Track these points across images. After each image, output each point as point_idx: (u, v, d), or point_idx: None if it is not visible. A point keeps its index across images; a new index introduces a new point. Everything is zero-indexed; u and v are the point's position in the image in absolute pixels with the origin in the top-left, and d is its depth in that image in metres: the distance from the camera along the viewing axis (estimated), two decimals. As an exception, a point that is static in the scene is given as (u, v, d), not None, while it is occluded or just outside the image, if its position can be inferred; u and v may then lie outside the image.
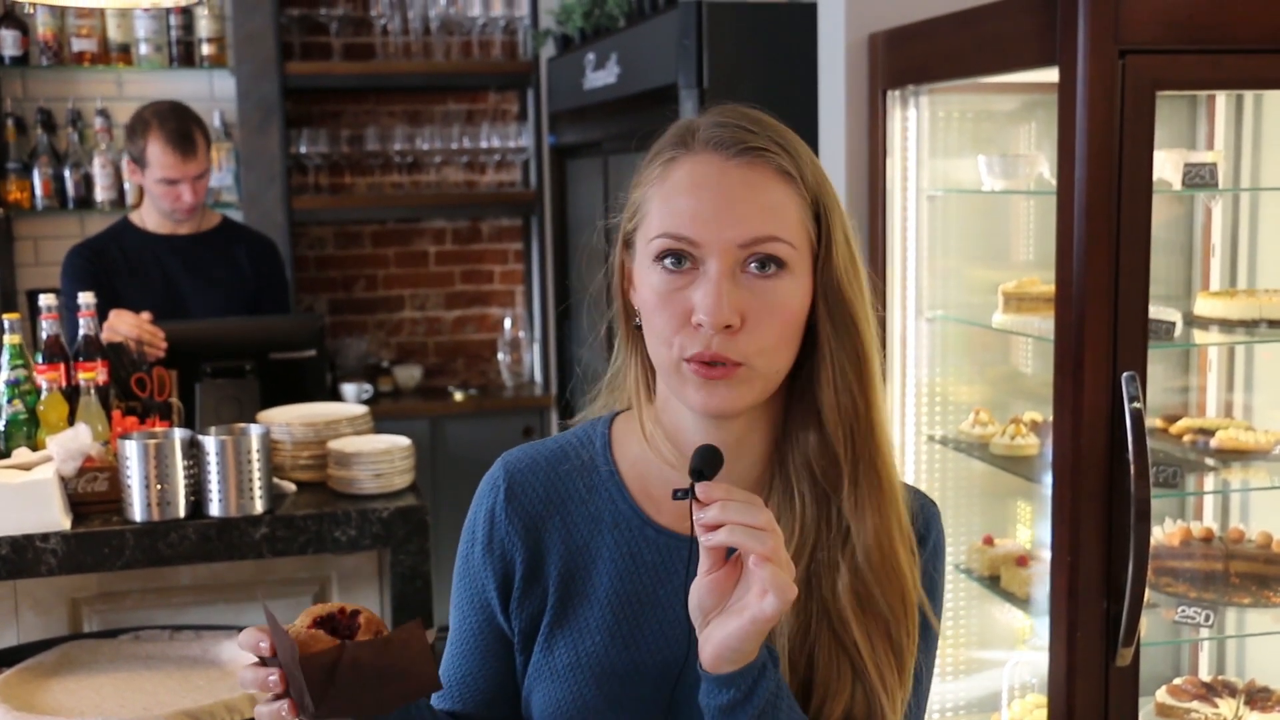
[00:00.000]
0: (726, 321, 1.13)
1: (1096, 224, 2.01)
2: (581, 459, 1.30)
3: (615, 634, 1.24)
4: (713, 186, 1.16)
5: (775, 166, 1.18)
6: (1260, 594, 2.34)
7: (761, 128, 1.20)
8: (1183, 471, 2.25)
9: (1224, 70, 2.07)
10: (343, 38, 4.96)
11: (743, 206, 1.16)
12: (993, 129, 2.80)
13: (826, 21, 2.84)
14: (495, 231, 5.26)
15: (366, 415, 2.78)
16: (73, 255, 3.45)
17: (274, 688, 1.09)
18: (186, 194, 3.37)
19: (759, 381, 1.17)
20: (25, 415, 2.56)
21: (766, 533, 1.06)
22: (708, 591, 1.09)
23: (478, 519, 1.31)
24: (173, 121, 3.34)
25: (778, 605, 1.05)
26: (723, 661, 1.09)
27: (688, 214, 1.16)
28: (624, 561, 1.25)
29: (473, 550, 1.30)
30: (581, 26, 4.13)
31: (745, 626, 1.06)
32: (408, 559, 2.50)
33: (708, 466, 1.11)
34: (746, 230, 1.15)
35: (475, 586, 1.30)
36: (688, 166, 1.18)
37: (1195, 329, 2.40)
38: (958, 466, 2.77)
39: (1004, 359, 2.90)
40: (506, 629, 1.29)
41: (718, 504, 1.07)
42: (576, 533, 1.27)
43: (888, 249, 2.70)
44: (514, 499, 1.28)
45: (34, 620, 2.54)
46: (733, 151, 1.17)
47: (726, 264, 1.15)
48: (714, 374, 1.15)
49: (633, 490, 1.28)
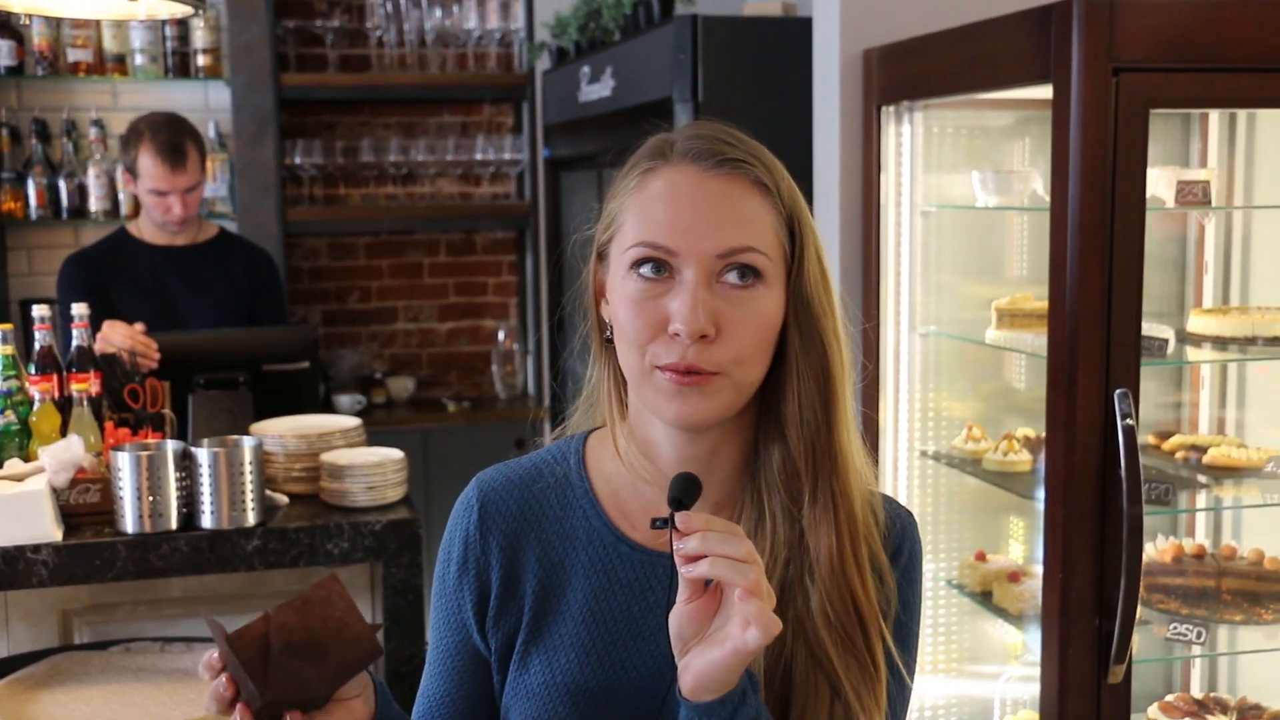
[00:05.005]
0: (702, 331, 1.13)
1: (1090, 241, 2.02)
2: (556, 476, 1.30)
3: (589, 652, 1.23)
4: (690, 197, 1.17)
5: (752, 179, 1.18)
6: (1252, 611, 2.34)
7: (738, 141, 1.20)
8: (1175, 488, 2.25)
9: (1217, 89, 2.08)
10: (338, 49, 4.96)
11: (720, 217, 1.16)
12: (986, 145, 2.81)
13: (821, 37, 2.85)
14: (489, 244, 5.26)
15: (359, 427, 2.77)
16: (68, 264, 3.44)
17: (225, 693, 1.09)
18: (176, 206, 3.37)
19: (731, 392, 1.17)
20: (17, 426, 2.56)
21: (748, 565, 1.06)
22: (687, 620, 1.09)
23: (453, 539, 1.30)
24: (165, 133, 3.34)
25: (761, 640, 1.05)
26: (703, 690, 1.09)
27: (665, 223, 1.16)
28: (598, 579, 1.25)
29: (448, 570, 1.30)
30: (576, 39, 4.14)
31: (726, 658, 1.06)
32: (400, 572, 2.50)
33: (686, 495, 1.10)
34: (723, 240, 1.15)
35: (451, 607, 1.30)
36: (666, 177, 1.19)
37: (1188, 346, 2.40)
38: (950, 482, 2.77)
39: (997, 375, 2.90)
40: (483, 648, 1.29)
41: (698, 534, 1.07)
42: (551, 550, 1.27)
43: (881, 264, 2.70)
44: (488, 518, 1.28)
45: (24, 631, 2.53)
46: (711, 163, 1.18)
47: (703, 273, 1.15)
48: (687, 381, 1.15)
49: (607, 507, 1.27)
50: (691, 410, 1.16)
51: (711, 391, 1.16)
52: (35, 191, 4.50)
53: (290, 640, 1.07)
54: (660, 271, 1.16)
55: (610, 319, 1.23)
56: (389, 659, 2.52)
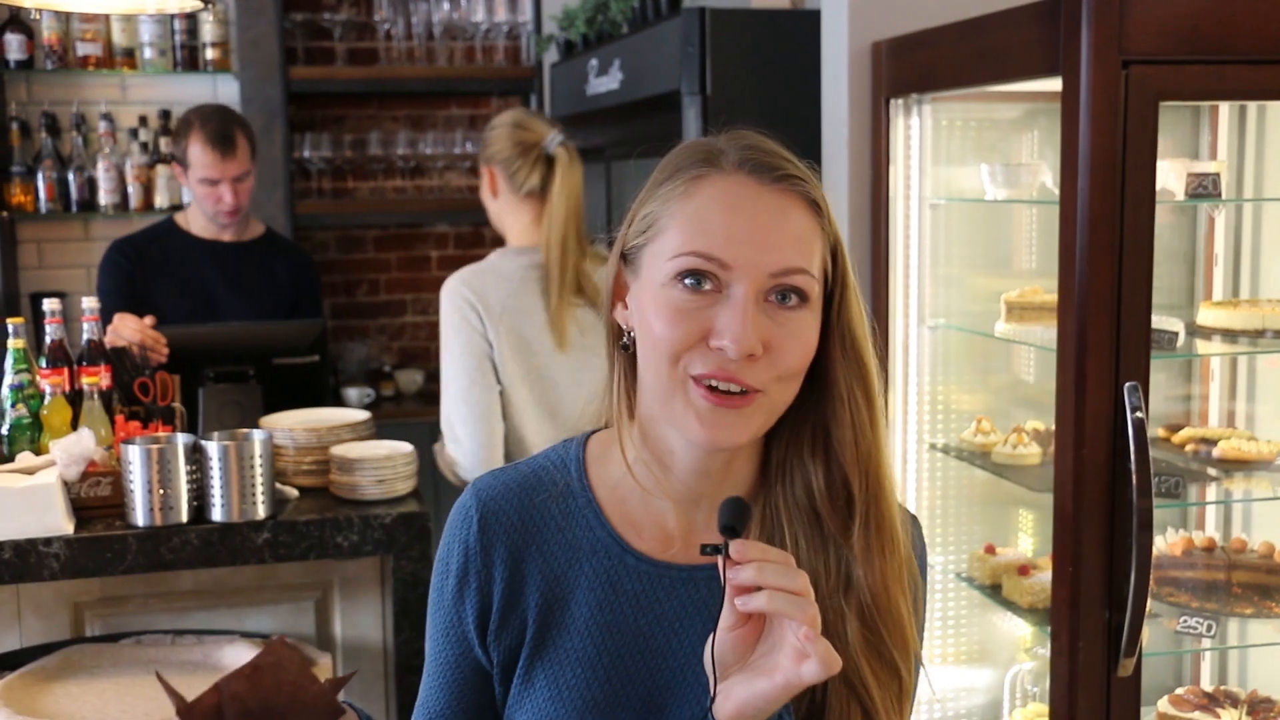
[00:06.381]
0: (751, 349, 1.10)
1: (1099, 234, 2.01)
2: (556, 484, 1.25)
3: (596, 665, 1.20)
4: (748, 210, 1.13)
5: (806, 198, 1.16)
6: (1262, 604, 2.34)
7: (791, 157, 1.18)
8: (1185, 481, 2.24)
9: (1227, 81, 2.07)
10: (346, 43, 4.96)
11: (776, 234, 1.13)
12: (995, 137, 2.80)
13: (830, 29, 2.84)
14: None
15: (369, 421, 2.78)
16: (112, 250, 3.46)
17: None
18: (227, 195, 3.37)
19: (765, 414, 1.15)
20: (29, 420, 2.57)
21: (806, 600, 1.03)
22: (730, 648, 1.07)
23: (452, 550, 1.26)
24: (214, 122, 3.36)
25: (820, 676, 1.02)
26: (742, 717, 1.06)
27: (720, 234, 1.12)
28: (603, 591, 1.21)
29: (446, 582, 1.26)
30: (584, 32, 4.14)
31: (776, 691, 1.04)
32: (409, 565, 2.50)
33: (739, 521, 1.06)
34: (779, 259, 1.12)
35: (451, 619, 1.26)
36: (720, 185, 1.14)
37: (1198, 339, 2.40)
38: (959, 475, 2.77)
39: (1006, 368, 2.90)
40: (484, 661, 1.26)
41: (753, 565, 1.04)
42: (554, 561, 1.23)
43: (890, 257, 2.70)
44: (488, 529, 1.23)
45: (36, 624, 2.54)
46: (770, 177, 1.15)
47: (754, 290, 1.11)
48: (727, 402, 1.11)
49: (611, 517, 1.24)
50: (725, 434, 1.13)
51: (748, 415, 1.13)
52: (45, 185, 4.51)
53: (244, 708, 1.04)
54: (704, 283, 1.12)
55: (629, 324, 1.20)
56: (399, 653, 2.53)
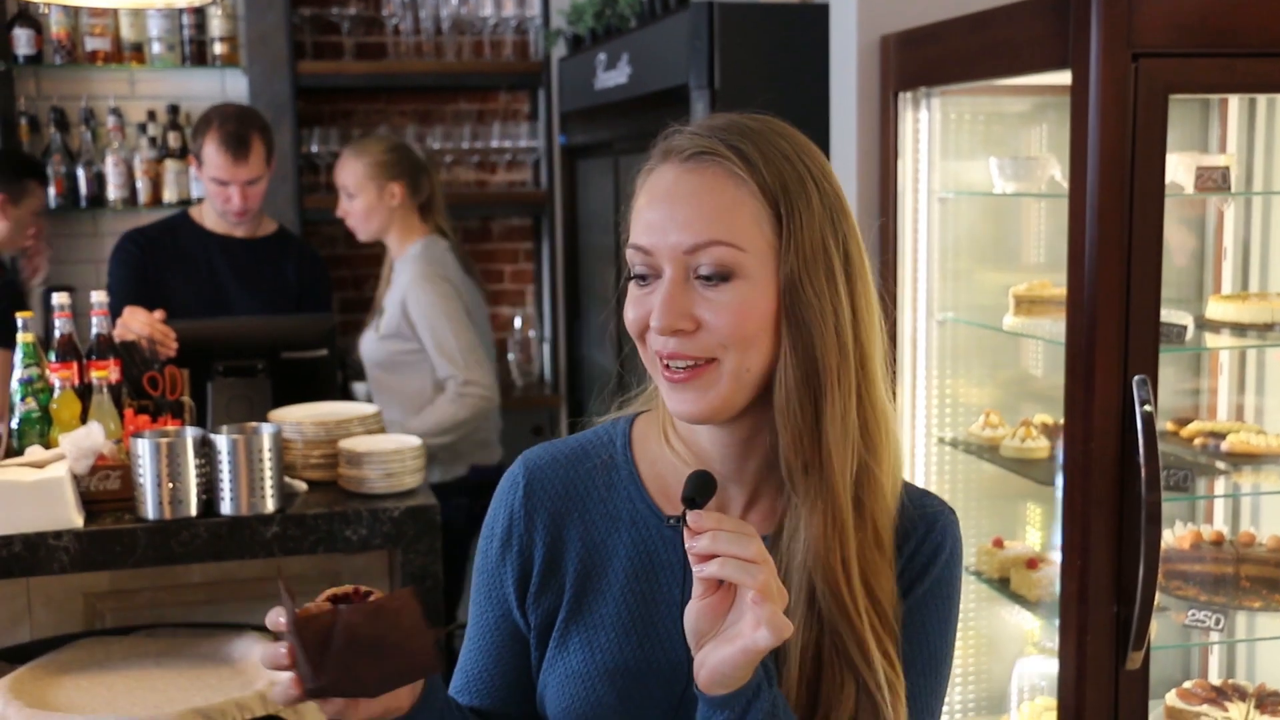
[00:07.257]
0: (674, 326, 1.15)
1: (1108, 227, 2.01)
2: (601, 457, 1.32)
3: (629, 631, 1.25)
4: (665, 195, 1.18)
5: (724, 169, 1.16)
6: (1271, 598, 2.33)
7: (723, 132, 1.18)
8: (1193, 475, 2.24)
9: (1237, 74, 2.07)
10: (354, 37, 4.96)
11: (686, 211, 1.16)
12: (1004, 131, 2.80)
13: (838, 23, 2.84)
14: (506, 231, 5.26)
15: (377, 414, 2.78)
16: (124, 240, 3.46)
17: (281, 660, 1.10)
18: (236, 197, 3.38)
19: (729, 381, 1.16)
20: (38, 413, 2.57)
21: (758, 566, 1.07)
22: (702, 616, 1.11)
23: (497, 515, 1.32)
24: (232, 124, 3.35)
25: (771, 641, 1.07)
26: (716, 684, 1.10)
27: (644, 225, 1.19)
28: (640, 560, 1.27)
29: (491, 546, 1.32)
30: (593, 27, 4.13)
31: (737, 656, 1.08)
32: (418, 558, 2.51)
33: (700, 493, 1.11)
34: (690, 235, 1.15)
35: (493, 582, 1.32)
36: (652, 179, 1.21)
37: (1207, 332, 2.39)
38: (968, 468, 2.77)
39: (1014, 361, 2.90)
40: (522, 624, 1.31)
41: (709, 534, 1.08)
42: (594, 530, 1.28)
43: (899, 251, 2.70)
44: (533, 495, 1.30)
45: (46, 617, 2.55)
46: (682, 157, 1.18)
47: (677, 271, 1.16)
48: (678, 377, 1.17)
49: (651, 489, 1.29)
50: (690, 405, 1.17)
51: (706, 384, 1.16)
52: (54, 180, 4.52)
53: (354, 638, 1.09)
54: (645, 273, 1.19)
55: None
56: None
